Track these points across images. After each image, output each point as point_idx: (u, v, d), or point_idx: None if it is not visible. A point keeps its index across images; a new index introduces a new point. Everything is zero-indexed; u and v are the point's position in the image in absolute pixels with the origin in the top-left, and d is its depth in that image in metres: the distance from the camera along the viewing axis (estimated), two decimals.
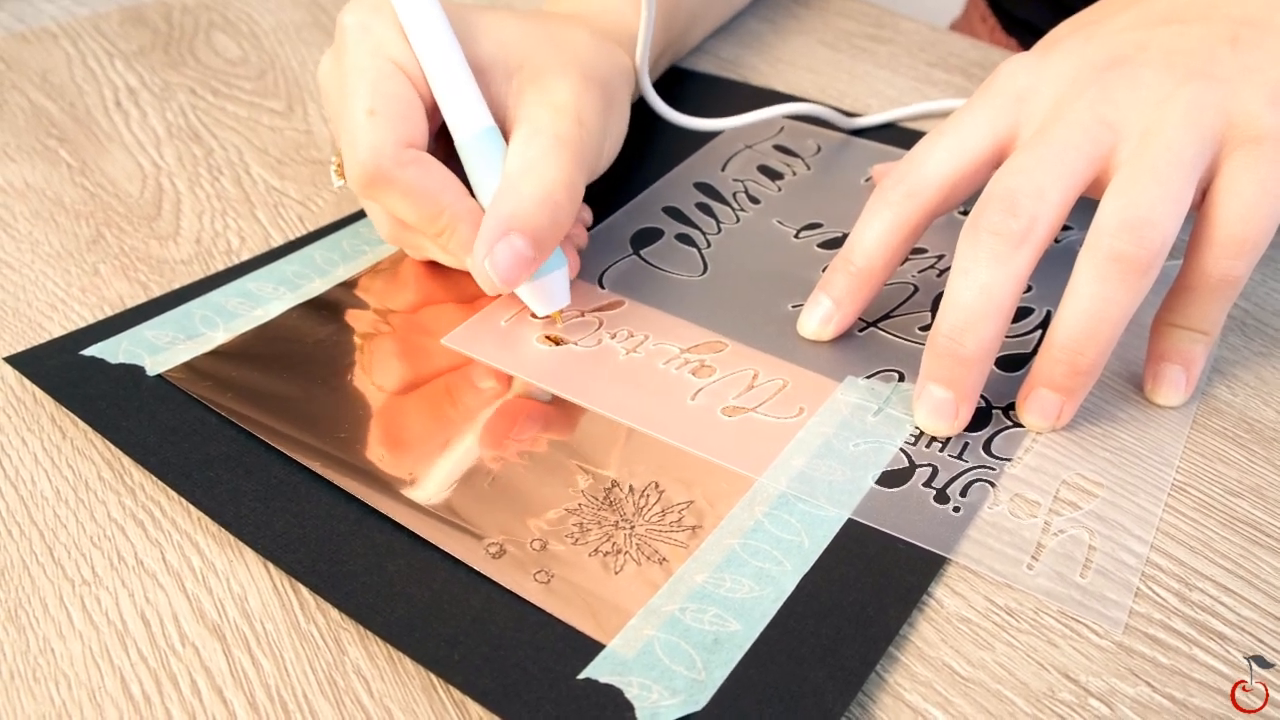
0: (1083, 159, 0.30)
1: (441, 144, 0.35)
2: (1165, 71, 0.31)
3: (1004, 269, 0.29)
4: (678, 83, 0.53)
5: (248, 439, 0.31)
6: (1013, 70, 0.33)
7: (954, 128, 0.33)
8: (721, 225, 0.42)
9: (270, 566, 0.28)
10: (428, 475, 0.30)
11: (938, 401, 0.31)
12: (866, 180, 0.45)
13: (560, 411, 0.32)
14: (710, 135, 0.48)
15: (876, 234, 0.33)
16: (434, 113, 0.34)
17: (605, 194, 0.43)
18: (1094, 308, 0.29)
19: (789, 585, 0.27)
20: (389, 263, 0.39)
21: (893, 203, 0.33)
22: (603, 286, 0.38)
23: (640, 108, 0.44)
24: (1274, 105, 0.30)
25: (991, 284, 0.29)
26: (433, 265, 0.38)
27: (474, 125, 0.34)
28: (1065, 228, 0.41)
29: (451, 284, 0.38)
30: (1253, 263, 0.30)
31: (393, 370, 0.34)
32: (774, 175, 0.45)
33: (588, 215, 0.40)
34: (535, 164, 0.33)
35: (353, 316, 0.36)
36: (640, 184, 0.44)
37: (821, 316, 0.35)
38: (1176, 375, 0.33)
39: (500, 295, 0.36)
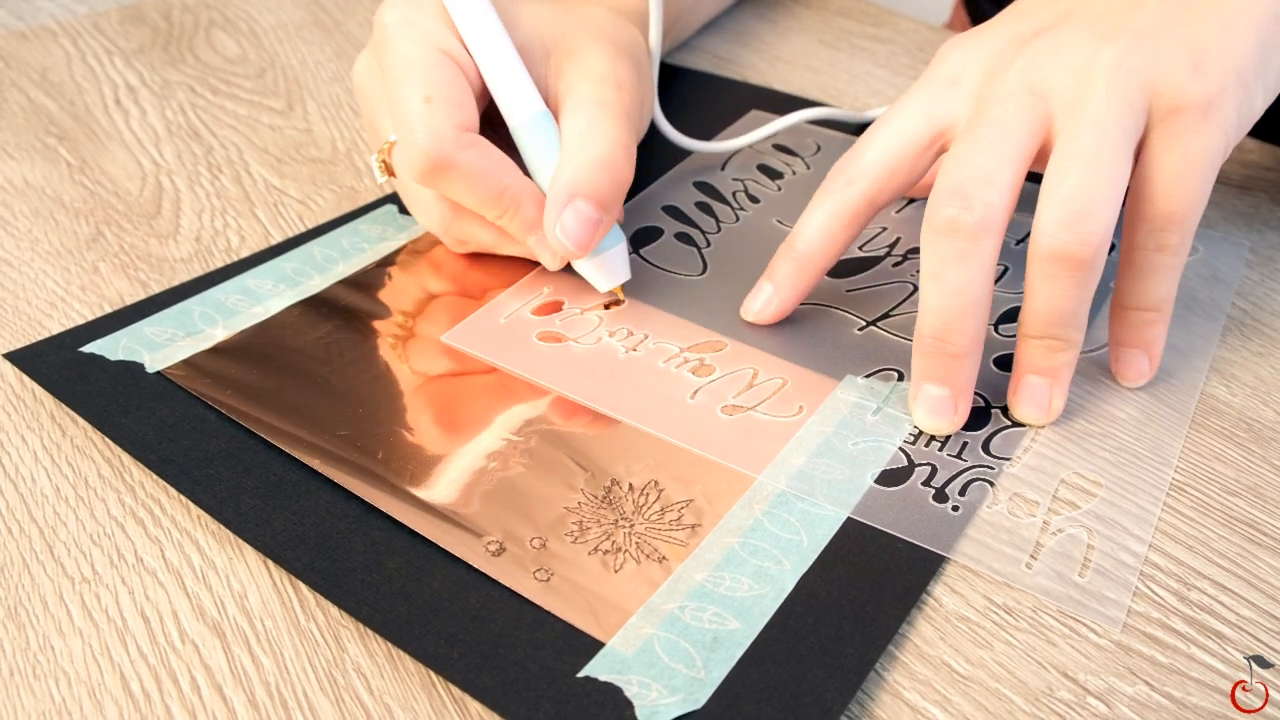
0: (1024, 134, 0.30)
1: (486, 130, 0.36)
2: (1088, 32, 0.31)
3: (971, 265, 0.29)
4: (677, 82, 0.53)
5: (247, 436, 0.31)
6: (946, 53, 0.34)
7: (891, 116, 0.33)
8: (721, 224, 0.42)
9: (270, 564, 0.28)
10: (439, 474, 0.30)
11: (935, 399, 0.31)
12: None
13: (558, 408, 0.32)
14: (709, 135, 0.48)
15: (818, 221, 0.34)
16: (481, 98, 0.35)
17: None
18: (1051, 305, 0.30)
19: (788, 584, 0.27)
20: (400, 265, 0.39)
21: (833, 191, 0.34)
22: None
23: None
24: (1196, 71, 0.30)
25: (962, 283, 0.29)
26: (448, 266, 0.38)
27: (528, 109, 0.35)
28: None
29: (470, 281, 0.38)
30: (1187, 234, 0.31)
31: (434, 362, 0.34)
32: (774, 174, 0.45)
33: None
34: (586, 132, 0.34)
35: (368, 318, 0.36)
36: (640, 183, 0.44)
37: (763, 300, 0.35)
38: (1137, 359, 0.33)
39: (501, 290, 0.37)
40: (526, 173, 0.35)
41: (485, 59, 0.34)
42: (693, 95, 0.51)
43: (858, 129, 0.48)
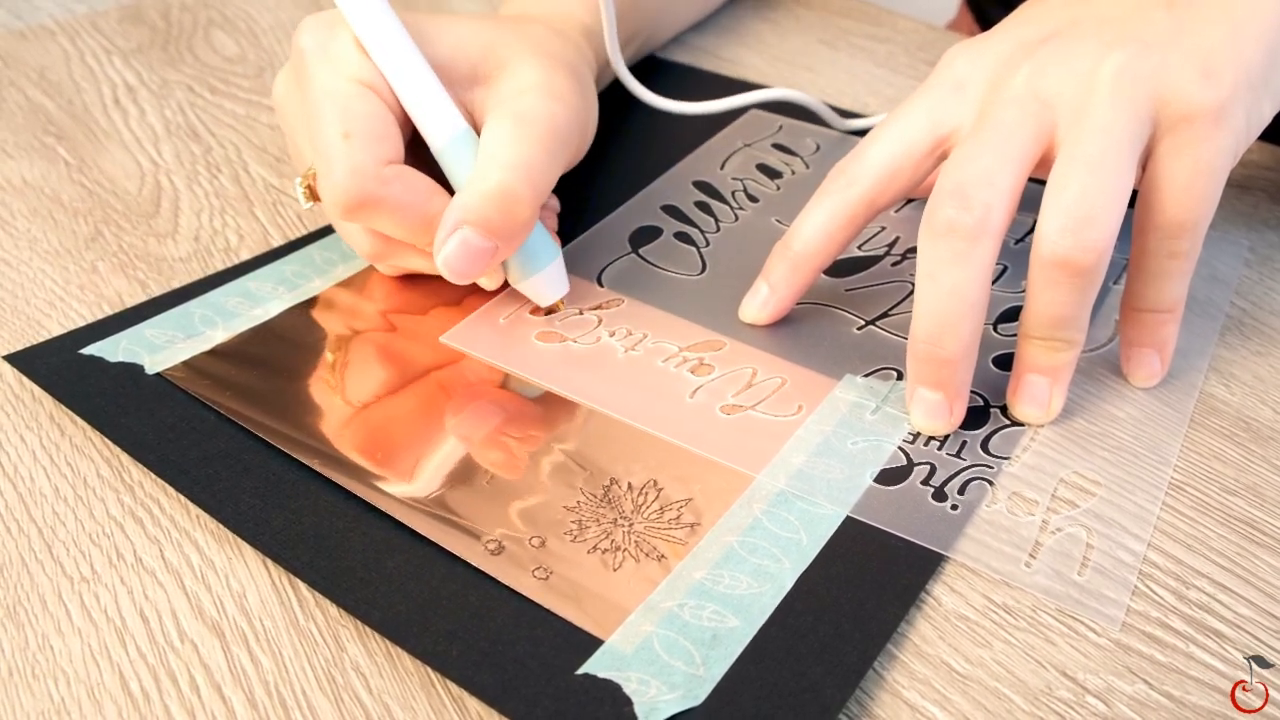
0: (1027, 138, 0.30)
1: (414, 151, 0.35)
2: (1094, 39, 0.31)
3: (968, 267, 0.29)
4: (676, 79, 0.53)
5: (246, 436, 0.31)
6: (951, 58, 0.33)
7: (895, 119, 0.33)
8: (720, 224, 0.42)
9: (269, 563, 0.28)
10: (419, 470, 0.30)
11: (930, 403, 0.31)
12: None
13: (558, 408, 0.32)
14: (708, 133, 0.48)
15: (816, 221, 0.34)
16: (404, 123, 0.34)
17: (604, 192, 0.43)
18: (1053, 309, 0.30)
19: (787, 582, 0.27)
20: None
21: (832, 191, 0.34)
22: (601, 285, 0.38)
23: (636, 105, 0.44)
24: (1206, 78, 0.29)
25: (959, 285, 0.29)
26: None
27: (447, 131, 0.33)
28: None
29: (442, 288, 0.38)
30: (1198, 239, 0.31)
31: (375, 374, 0.33)
32: (773, 174, 0.45)
33: (555, 203, 0.40)
34: (496, 152, 0.32)
35: (341, 320, 0.36)
36: (639, 182, 0.44)
37: (759, 302, 0.35)
38: (1150, 359, 0.33)
39: (500, 291, 0.37)
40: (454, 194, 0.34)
41: (399, 84, 0.33)
42: (691, 93, 0.51)
43: (856, 130, 0.49)
